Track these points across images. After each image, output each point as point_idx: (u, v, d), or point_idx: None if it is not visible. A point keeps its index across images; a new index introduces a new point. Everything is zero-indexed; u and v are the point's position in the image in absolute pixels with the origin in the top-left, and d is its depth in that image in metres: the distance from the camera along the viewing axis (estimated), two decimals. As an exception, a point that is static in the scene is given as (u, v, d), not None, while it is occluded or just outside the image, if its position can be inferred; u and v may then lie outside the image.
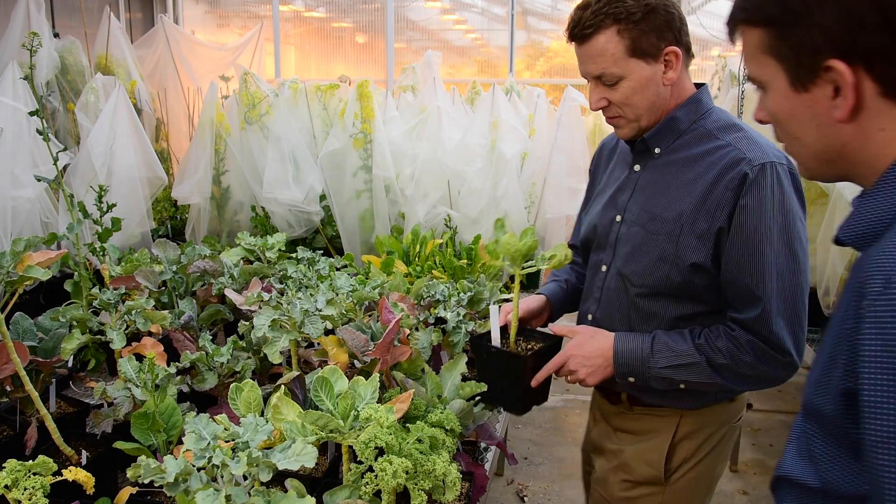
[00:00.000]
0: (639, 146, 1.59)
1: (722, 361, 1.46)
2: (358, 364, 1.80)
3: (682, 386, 1.53)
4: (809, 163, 0.92)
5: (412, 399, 1.51)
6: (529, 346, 1.65)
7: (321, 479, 1.60)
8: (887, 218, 0.81)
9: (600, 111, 1.57)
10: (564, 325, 1.69)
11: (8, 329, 1.69)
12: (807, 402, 0.91)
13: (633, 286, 1.56)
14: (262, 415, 1.42)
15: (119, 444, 1.56)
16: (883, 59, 0.79)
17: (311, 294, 1.96)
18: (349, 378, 1.45)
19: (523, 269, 1.59)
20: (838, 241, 0.88)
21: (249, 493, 1.16)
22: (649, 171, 1.58)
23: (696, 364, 1.48)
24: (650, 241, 1.52)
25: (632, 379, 1.54)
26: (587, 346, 1.57)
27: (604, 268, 1.64)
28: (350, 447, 1.43)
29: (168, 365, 1.75)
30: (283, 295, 1.87)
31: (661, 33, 1.45)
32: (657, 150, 1.56)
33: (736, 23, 0.93)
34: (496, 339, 1.62)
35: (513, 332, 1.63)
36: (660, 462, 1.62)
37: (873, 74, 0.80)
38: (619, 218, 1.61)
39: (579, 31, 1.45)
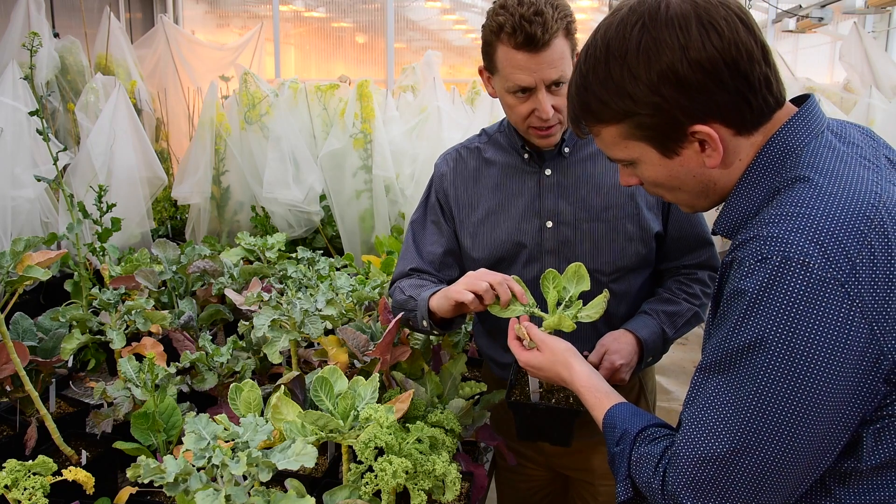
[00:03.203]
0: (549, 152, 1.60)
1: (701, 301, 1.65)
2: (358, 364, 1.80)
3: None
4: (691, 202, 1.10)
5: (412, 399, 1.51)
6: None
7: (321, 479, 1.60)
8: (749, 212, 1.01)
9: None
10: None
11: (8, 329, 1.70)
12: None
13: (606, 275, 1.60)
14: (261, 415, 1.42)
15: (119, 444, 1.56)
16: (729, 109, 0.96)
17: (311, 294, 1.96)
18: (349, 378, 1.45)
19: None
20: (714, 232, 1.10)
21: (249, 493, 1.16)
22: (562, 172, 1.60)
23: (694, 315, 1.64)
24: (614, 229, 1.58)
25: (650, 359, 1.61)
26: (617, 344, 1.52)
27: None
28: (350, 447, 1.43)
29: (168, 365, 1.75)
30: (283, 295, 1.87)
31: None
32: (567, 150, 1.60)
33: (587, 124, 1.06)
34: (535, 392, 1.48)
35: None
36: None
37: (725, 123, 0.97)
38: (549, 223, 1.59)
39: (543, 37, 1.40)
